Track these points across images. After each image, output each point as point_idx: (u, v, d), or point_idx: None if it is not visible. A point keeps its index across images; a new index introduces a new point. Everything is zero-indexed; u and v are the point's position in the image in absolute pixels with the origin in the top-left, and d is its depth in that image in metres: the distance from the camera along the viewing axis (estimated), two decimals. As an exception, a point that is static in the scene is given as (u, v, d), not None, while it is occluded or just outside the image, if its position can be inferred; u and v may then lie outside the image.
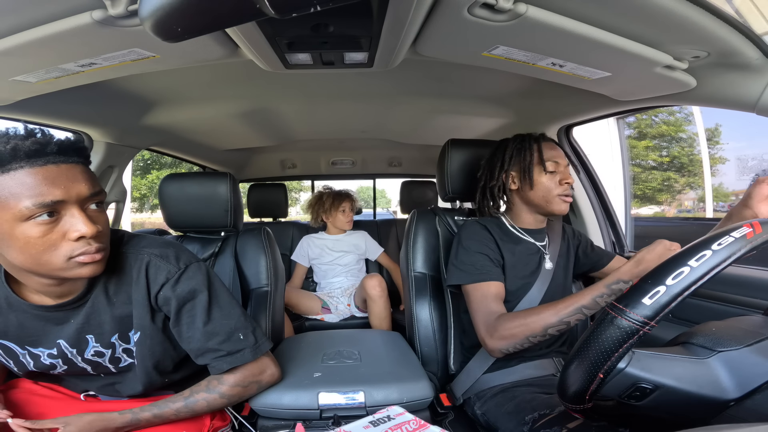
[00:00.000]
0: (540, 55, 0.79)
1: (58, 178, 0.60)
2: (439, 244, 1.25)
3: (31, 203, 0.58)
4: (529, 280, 1.01)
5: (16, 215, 0.59)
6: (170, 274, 0.74)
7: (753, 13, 0.72)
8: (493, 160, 1.09)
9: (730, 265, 0.49)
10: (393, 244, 2.47)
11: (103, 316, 0.74)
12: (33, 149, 0.59)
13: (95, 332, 0.74)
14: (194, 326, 0.75)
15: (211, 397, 0.76)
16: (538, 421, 0.81)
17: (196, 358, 0.78)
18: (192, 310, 0.75)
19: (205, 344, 0.76)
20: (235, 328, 0.78)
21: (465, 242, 1.02)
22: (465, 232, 1.05)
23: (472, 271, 0.96)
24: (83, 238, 0.62)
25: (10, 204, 0.58)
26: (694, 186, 8.77)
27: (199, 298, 0.76)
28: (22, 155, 0.59)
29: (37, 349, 0.74)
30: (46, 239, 0.61)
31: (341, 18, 0.70)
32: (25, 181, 0.59)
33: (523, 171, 1.02)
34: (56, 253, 0.62)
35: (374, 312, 1.80)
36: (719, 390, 0.53)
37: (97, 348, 0.75)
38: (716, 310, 1.08)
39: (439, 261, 1.23)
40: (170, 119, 1.46)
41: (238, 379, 0.78)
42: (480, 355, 1.03)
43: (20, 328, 0.72)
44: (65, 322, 0.73)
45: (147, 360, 0.78)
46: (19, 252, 0.61)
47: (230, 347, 0.76)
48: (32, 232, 0.60)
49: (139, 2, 0.44)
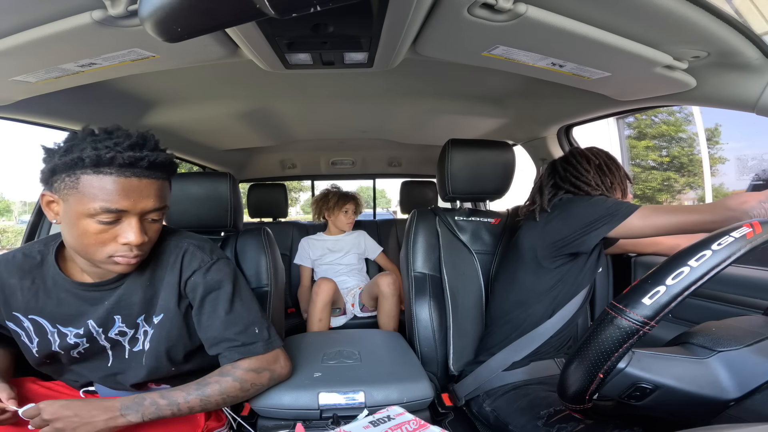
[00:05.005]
0: (540, 55, 0.79)
1: (133, 192, 0.68)
2: (439, 244, 1.25)
3: (99, 206, 0.66)
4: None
5: (85, 211, 0.67)
6: (203, 263, 0.81)
7: (753, 13, 0.72)
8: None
9: (730, 265, 0.49)
10: (393, 244, 2.46)
11: (134, 297, 0.80)
12: (127, 162, 0.66)
13: (124, 312, 0.80)
14: (215, 315, 0.80)
15: (224, 380, 0.77)
16: (554, 416, 0.82)
17: (210, 348, 0.81)
18: (215, 300, 0.81)
19: (222, 333, 0.80)
20: (252, 322, 0.82)
21: (585, 200, 0.99)
22: (572, 200, 1.02)
23: (625, 204, 0.92)
24: (128, 244, 0.70)
25: (85, 200, 0.66)
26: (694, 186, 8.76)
27: (224, 288, 0.81)
28: (116, 164, 0.66)
29: (67, 328, 0.79)
30: (99, 236, 0.69)
31: (341, 18, 0.70)
32: (106, 186, 0.66)
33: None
34: (102, 249, 0.70)
35: (384, 309, 1.80)
36: (719, 390, 0.53)
37: (122, 328, 0.80)
38: (716, 310, 1.07)
39: (440, 261, 1.23)
40: (170, 119, 1.46)
41: (252, 364, 0.81)
42: (508, 349, 1.04)
43: (58, 306, 0.78)
44: (99, 303, 0.79)
45: (162, 343, 0.81)
46: (73, 238, 0.70)
47: (245, 339, 0.80)
48: (90, 227, 0.68)
49: (139, 2, 0.44)
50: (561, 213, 1.00)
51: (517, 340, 1.03)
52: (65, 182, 0.67)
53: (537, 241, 1.03)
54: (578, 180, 1.05)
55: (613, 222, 0.91)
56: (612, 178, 1.08)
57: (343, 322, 1.96)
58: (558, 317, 1.01)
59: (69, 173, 0.66)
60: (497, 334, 1.09)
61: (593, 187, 1.05)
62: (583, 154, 1.09)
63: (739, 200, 0.80)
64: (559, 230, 0.98)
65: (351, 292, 2.03)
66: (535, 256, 1.03)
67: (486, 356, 1.07)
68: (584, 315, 1.17)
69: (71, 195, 0.67)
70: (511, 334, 1.05)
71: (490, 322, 1.14)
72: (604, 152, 1.12)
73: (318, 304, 1.80)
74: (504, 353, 1.04)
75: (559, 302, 1.02)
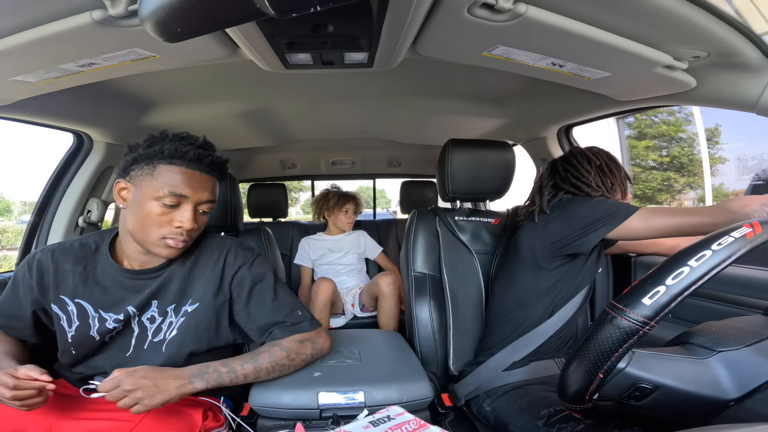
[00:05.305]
0: (540, 55, 0.79)
1: (194, 182, 0.81)
2: (439, 244, 1.25)
3: (168, 190, 0.79)
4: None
5: (154, 193, 0.79)
6: (246, 259, 0.92)
7: (753, 13, 0.72)
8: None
9: (730, 265, 0.49)
10: (393, 244, 2.46)
11: (172, 286, 0.88)
12: (195, 157, 0.81)
13: (160, 299, 0.88)
14: (263, 303, 0.91)
15: (273, 350, 0.87)
16: (554, 416, 0.82)
17: (261, 336, 0.90)
18: (261, 289, 0.91)
19: (272, 318, 0.90)
20: (295, 306, 0.93)
21: (585, 201, 0.99)
22: (572, 201, 1.02)
23: (624, 206, 0.92)
24: (181, 228, 0.80)
25: (156, 185, 0.79)
26: (694, 186, 8.76)
27: (267, 279, 0.93)
28: (187, 158, 0.80)
29: (108, 313, 0.86)
30: (159, 218, 0.80)
31: (341, 18, 0.70)
32: (175, 175, 0.80)
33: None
34: (158, 230, 0.80)
35: (384, 309, 1.80)
36: (719, 390, 0.53)
37: (154, 313, 0.88)
38: (716, 310, 1.07)
39: (440, 261, 1.23)
40: (170, 119, 1.46)
41: (297, 336, 0.90)
42: (508, 349, 1.04)
43: (103, 293, 0.86)
44: (140, 291, 0.87)
45: (188, 332, 0.88)
46: (136, 219, 0.81)
47: (293, 319, 0.91)
48: (154, 208, 0.79)
49: (139, 2, 0.44)
50: (560, 214, 1.00)
51: (517, 340, 1.03)
52: (143, 169, 0.80)
53: (536, 242, 1.03)
54: (579, 181, 1.05)
55: (613, 223, 0.90)
56: (612, 179, 1.08)
57: (343, 322, 1.96)
58: (557, 317, 1.01)
59: (148, 162, 0.80)
60: (497, 334, 1.09)
61: (594, 188, 1.04)
62: (583, 155, 1.09)
63: (740, 203, 0.80)
64: (559, 231, 0.98)
65: (351, 292, 2.03)
66: (534, 257, 1.03)
67: (486, 356, 1.07)
68: (584, 315, 1.17)
69: (145, 180, 0.80)
70: (511, 334, 1.05)
71: (490, 322, 1.14)
72: (604, 152, 1.11)
73: (318, 303, 1.80)
74: (504, 353, 1.04)
75: (558, 302, 1.02)
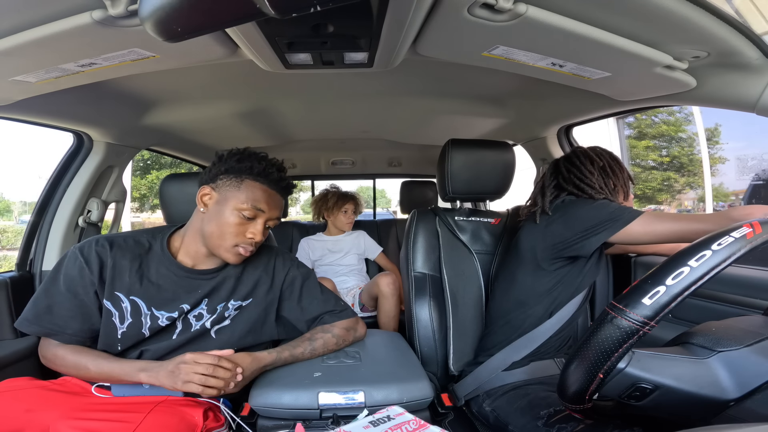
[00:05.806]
0: (540, 55, 0.79)
1: (272, 200, 0.93)
2: (439, 244, 1.25)
3: (250, 204, 0.89)
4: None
5: (238, 205, 0.89)
6: (293, 261, 1.08)
7: (753, 13, 0.72)
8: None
9: (730, 265, 0.49)
10: (393, 244, 2.46)
11: (225, 286, 0.96)
12: (275, 179, 0.93)
13: (211, 297, 0.95)
14: (314, 296, 1.05)
15: (326, 336, 0.99)
16: (554, 416, 0.82)
17: (311, 324, 1.02)
18: (310, 285, 1.05)
19: (323, 307, 1.04)
20: (336, 297, 1.09)
21: (588, 203, 0.98)
22: (574, 203, 1.01)
23: (627, 210, 0.92)
24: (252, 239, 0.90)
25: (241, 198, 0.89)
26: (694, 186, 8.77)
27: (312, 277, 1.08)
28: (270, 179, 0.92)
29: (160, 311, 0.90)
30: (235, 228, 0.89)
31: (341, 18, 0.70)
32: (258, 192, 0.91)
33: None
34: (233, 237, 0.89)
35: (384, 309, 1.80)
36: (719, 390, 0.53)
37: (202, 311, 0.94)
38: (716, 310, 1.07)
39: (440, 261, 1.23)
40: (170, 119, 1.46)
41: (345, 324, 1.04)
42: (508, 349, 1.04)
43: (158, 291, 0.91)
44: (194, 290, 0.93)
45: (240, 325, 0.97)
46: (216, 225, 0.89)
47: (340, 308, 1.06)
48: (233, 218, 0.89)
49: (139, 2, 0.44)
50: (562, 215, 1.00)
51: (517, 341, 1.03)
52: (232, 180, 0.90)
53: (537, 243, 1.02)
54: (582, 182, 1.04)
55: (615, 227, 0.90)
56: (615, 180, 1.07)
57: None
58: (557, 318, 1.01)
59: (237, 175, 0.90)
60: (497, 334, 1.09)
61: (597, 190, 1.04)
62: (587, 155, 1.08)
63: (743, 212, 0.80)
64: (560, 233, 0.98)
65: (351, 293, 2.03)
66: (535, 258, 1.02)
67: (486, 356, 1.07)
68: (584, 315, 1.17)
69: (231, 191, 0.90)
70: (511, 335, 1.05)
71: (490, 322, 1.14)
72: (608, 153, 1.10)
73: None
74: (504, 353, 1.04)
75: (558, 303, 1.01)
